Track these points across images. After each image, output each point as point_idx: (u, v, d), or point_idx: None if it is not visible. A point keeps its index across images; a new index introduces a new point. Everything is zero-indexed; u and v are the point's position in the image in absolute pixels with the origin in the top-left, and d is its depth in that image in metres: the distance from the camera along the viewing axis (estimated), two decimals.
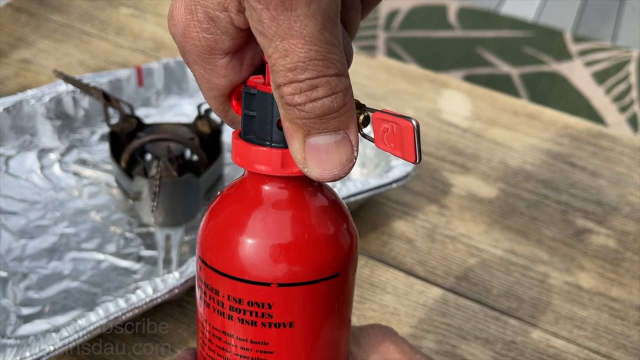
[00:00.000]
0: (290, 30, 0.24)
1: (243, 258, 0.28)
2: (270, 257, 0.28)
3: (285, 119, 0.26)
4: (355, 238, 0.31)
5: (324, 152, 0.26)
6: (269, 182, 0.29)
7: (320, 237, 0.29)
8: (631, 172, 0.66)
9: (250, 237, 0.29)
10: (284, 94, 0.25)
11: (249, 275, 0.28)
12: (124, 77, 0.65)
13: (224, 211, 0.30)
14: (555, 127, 0.70)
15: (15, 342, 0.46)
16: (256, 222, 0.29)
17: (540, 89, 0.95)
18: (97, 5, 0.83)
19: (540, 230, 0.59)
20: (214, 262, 0.29)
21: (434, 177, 0.64)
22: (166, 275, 0.47)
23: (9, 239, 0.54)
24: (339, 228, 0.30)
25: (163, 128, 0.59)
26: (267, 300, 0.29)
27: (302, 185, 0.29)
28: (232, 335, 0.30)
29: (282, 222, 0.29)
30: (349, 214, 0.31)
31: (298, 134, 0.26)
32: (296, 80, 0.25)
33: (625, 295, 0.55)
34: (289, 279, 0.29)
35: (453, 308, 0.53)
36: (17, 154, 0.61)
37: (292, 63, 0.24)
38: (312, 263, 0.29)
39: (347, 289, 0.31)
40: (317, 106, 0.25)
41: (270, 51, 0.24)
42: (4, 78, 0.71)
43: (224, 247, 0.29)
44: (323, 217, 0.29)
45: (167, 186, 0.52)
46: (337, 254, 0.29)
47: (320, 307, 0.30)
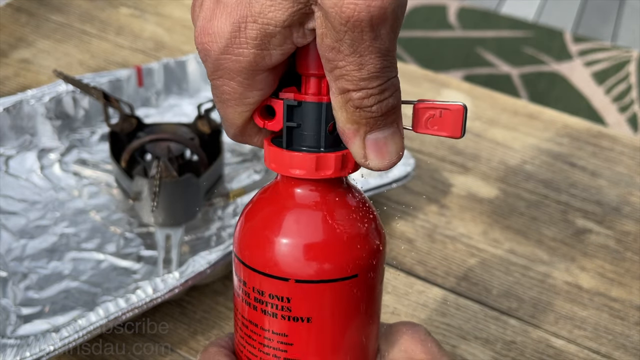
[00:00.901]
0: (369, 48, 0.26)
1: (265, 253, 0.31)
2: (289, 254, 0.30)
3: (348, 121, 0.28)
4: (381, 243, 0.32)
5: (383, 145, 0.29)
6: (296, 185, 0.31)
7: (338, 238, 0.31)
8: (631, 172, 0.66)
9: (272, 234, 0.31)
10: (353, 98, 0.27)
11: (270, 269, 0.31)
12: (124, 77, 0.65)
13: (254, 210, 0.32)
14: (555, 127, 0.70)
15: (15, 342, 0.46)
16: (279, 221, 0.31)
17: (540, 89, 0.95)
18: (97, 5, 0.83)
19: (540, 230, 0.59)
20: (243, 255, 0.32)
21: (434, 177, 0.64)
22: (166, 275, 0.47)
23: (9, 239, 0.54)
24: (360, 231, 0.31)
25: (163, 128, 0.59)
26: (286, 294, 0.31)
27: (329, 188, 0.31)
28: (256, 325, 0.32)
29: (301, 221, 0.31)
30: (376, 218, 0.33)
31: (360, 132, 0.28)
32: (368, 87, 0.27)
33: (625, 295, 0.55)
34: (306, 276, 0.30)
35: (453, 308, 0.53)
36: (17, 154, 0.61)
37: (367, 74, 0.26)
38: (329, 262, 0.30)
39: (368, 289, 0.32)
40: (384, 105, 0.27)
41: (342, 64, 0.26)
42: (4, 78, 0.71)
43: (250, 242, 0.31)
44: (344, 219, 0.31)
45: (167, 186, 0.52)
46: (356, 255, 0.31)
47: (338, 305, 0.31)
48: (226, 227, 0.57)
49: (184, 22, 0.81)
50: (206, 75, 0.31)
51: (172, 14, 0.82)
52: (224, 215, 0.58)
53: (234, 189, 0.60)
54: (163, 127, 0.59)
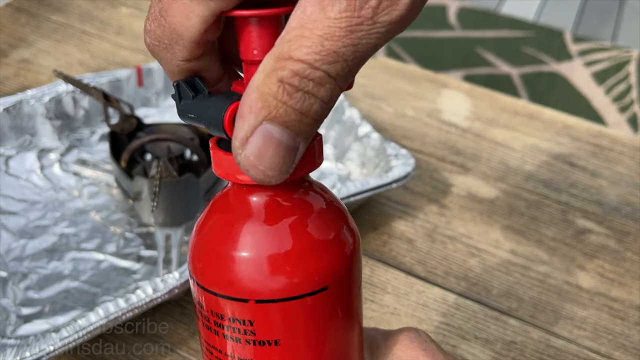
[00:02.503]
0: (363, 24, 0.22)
1: (219, 272, 0.27)
2: (245, 271, 0.26)
3: (258, 91, 0.22)
4: (353, 246, 0.28)
5: (270, 147, 0.23)
6: (248, 191, 0.27)
7: (300, 248, 0.26)
8: (631, 172, 0.66)
9: (224, 249, 0.26)
10: (287, 68, 0.22)
11: (226, 290, 0.27)
12: (124, 77, 0.65)
13: (203, 222, 0.28)
14: (555, 127, 0.70)
15: (15, 342, 0.46)
16: (229, 234, 0.27)
17: (540, 89, 0.95)
18: (97, 5, 0.83)
19: (540, 230, 0.59)
20: (196, 275, 0.28)
21: (434, 177, 0.64)
22: (166, 275, 0.47)
23: (9, 239, 0.54)
24: (325, 237, 0.27)
25: (163, 128, 0.59)
26: (247, 317, 0.27)
27: (283, 193, 0.27)
28: (220, 350, 0.28)
29: (256, 233, 0.26)
30: (346, 218, 0.28)
31: (259, 113, 0.22)
32: (314, 66, 0.22)
33: (626, 295, 0.54)
34: (266, 295, 0.26)
35: (453, 308, 0.53)
36: (17, 154, 0.61)
37: (327, 52, 0.22)
38: (291, 277, 0.26)
39: (342, 300, 0.28)
40: (310, 102, 0.22)
41: (310, 26, 0.22)
42: (4, 78, 0.71)
43: (203, 261, 0.27)
44: (306, 224, 0.27)
45: (167, 186, 0.52)
46: (322, 266, 0.27)
47: (309, 323, 0.27)
48: None
49: None
50: None
51: None
52: None
53: None
54: (163, 127, 0.59)
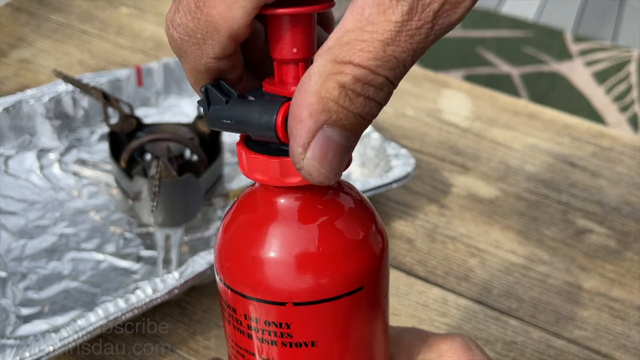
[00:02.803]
0: (424, 28, 0.22)
1: (255, 277, 0.27)
2: (282, 275, 0.26)
3: (316, 95, 0.22)
4: (382, 244, 0.28)
5: (331, 150, 0.23)
6: (280, 192, 0.27)
7: (335, 249, 0.26)
8: (632, 172, 0.66)
9: (260, 254, 0.26)
10: (347, 74, 0.22)
11: (262, 294, 0.27)
12: (124, 77, 0.65)
13: (233, 225, 0.28)
14: (556, 127, 0.70)
15: (14, 343, 0.46)
16: (264, 237, 0.26)
17: (540, 88, 0.95)
18: (97, 5, 0.83)
19: (541, 230, 0.59)
20: (227, 279, 0.28)
21: (434, 177, 0.64)
22: (166, 276, 0.47)
23: (9, 239, 0.54)
24: (359, 237, 0.27)
25: (163, 128, 0.59)
26: (284, 320, 0.27)
27: (315, 195, 0.27)
28: (254, 353, 0.28)
29: (292, 236, 0.26)
30: (376, 217, 0.29)
31: (319, 118, 0.22)
32: (376, 72, 0.22)
33: (626, 296, 0.54)
34: (304, 297, 0.26)
35: (453, 308, 0.53)
36: (16, 154, 0.61)
37: (389, 57, 0.22)
38: (328, 279, 0.26)
39: (376, 300, 0.29)
40: (369, 106, 0.22)
41: (369, 29, 0.22)
42: (4, 78, 0.71)
43: (235, 265, 0.27)
44: (338, 227, 0.27)
45: (166, 186, 0.52)
46: (357, 266, 0.27)
47: (345, 323, 0.28)
48: None
49: None
50: None
51: None
52: (223, 216, 0.58)
53: (234, 189, 0.59)
54: (163, 127, 0.59)
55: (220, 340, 0.49)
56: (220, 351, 0.49)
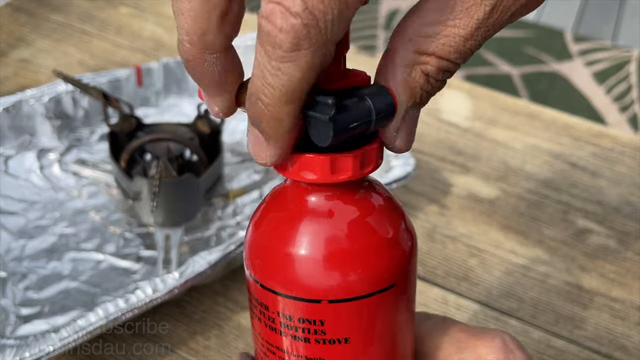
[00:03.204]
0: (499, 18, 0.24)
1: (289, 274, 0.27)
2: (318, 273, 0.26)
3: (404, 85, 0.25)
4: (412, 241, 0.29)
5: (414, 125, 0.27)
6: (312, 191, 0.27)
7: (370, 246, 0.27)
8: (632, 172, 0.66)
9: (295, 251, 0.27)
10: (430, 63, 0.24)
11: (297, 292, 0.27)
12: (124, 77, 0.65)
13: (265, 222, 0.28)
14: (556, 127, 0.70)
15: (14, 343, 0.46)
16: (299, 235, 0.27)
17: (540, 88, 0.95)
18: (96, 5, 0.83)
19: (541, 230, 0.59)
20: (260, 277, 0.28)
21: (434, 177, 0.64)
22: (166, 276, 0.47)
23: (8, 239, 0.54)
24: (391, 235, 0.28)
25: (163, 128, 0.59)
26: (318, 317, 0.27)
27: (349, 193, 0.27)
28: (285, 350, 0.28)
29: (327, 232, 0.27)
30: (404, 215, 0.29)
31: (406, 104, 0.25)
32: (453, 60, 0.24)
33: (626, 296, 0.54)
34: (339, 294, 0.27)
35: (453, 308, 0.53)
36: (16, 154, 0.61)
37: (465, 47, 0.24)
38: (363, 276, 0.27)
39: (406, 296, 0.29)
40: (439, 85, 0.25)
41: (451, 23, 0.24)
42: (3, 78, 0.71)
43: (268, 262, 0.27)
44: (372, 224, 0.27)
45: (166, 186, 0.52)
46: (391, 263, 0.27)
47: (378, 320, 0.28)
48: (226, 227, 0.57)
49: None
50: None
51: (172, 14, 0.82)
52: (223, 216, 0.58)
53: (234, 189, 0.59)
54: (163, 127, 0.59)
55: (220, 340, 0.49)
56: (220, 351, 0.49)
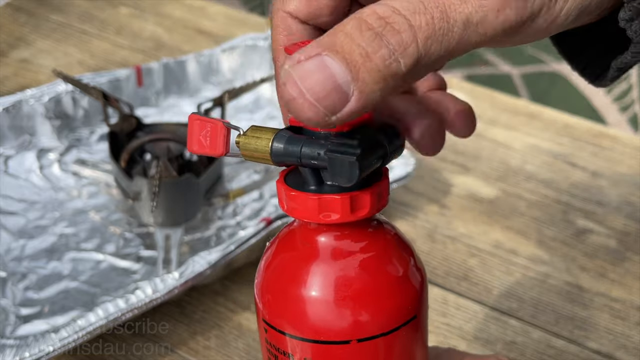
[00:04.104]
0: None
1: (316, 318, 0.27)
2: (345, 313, 0.26)
3: (334, 28, 0.22)
4: (424, 273, 0.29)
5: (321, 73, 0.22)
6: (328, 231, 0.27)
7: (392, 281, 0.27)
8: (632, 172, 0.66)
9: (320, 294, 0.27)
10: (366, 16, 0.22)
11: (325, 335, 0.27)
12: (124, 77, 0.65)
13: (282, 268, 0.28)
14: (556, 127, 0.70)
15: (14, 343, 0.46)
16: (322, 277, 0.27)
17: (540, 88, 0.95)
18: (96, 5, 0.83)
19: (541, 230, 0.59)
20: (282, 325, 0.28)
21: (434, 177, 0.63)
22: (166, 276, 0.47)
23: (8, 239, 0.54)
24: (408, 267, 0.28)
25: (163, 128, 0.59)
26: (347, 358, 0.27)
27: (363, 229, 0.28)
28: None
29: (350, 272, 0.27)
30: (413, 247, 0.30)
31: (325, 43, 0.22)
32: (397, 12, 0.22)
33: (626, 296, 0.54)
34: (368, 332, 0.27)
35: (453, 308, 0.53)
36: (16, 154, 0.61)
37: None
38: (389, 311, 0.27)
39: (424, 326, 0.30)
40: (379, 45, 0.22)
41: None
42: (3, 78, 0.71)
43: (291, 308, 0.27)
44: (391, 259, 0.28)
45: (166, 186, 0.52)
46: (412, 295, 0.28)
47: (403, 352, 0.29)
48: (226, 227, 0.57)
49: (184, 22, 0.80)
50: (206, 75, 0.28)
51: (172, 14, 0.82)
52: (223, 216, 0.58)
53: (234, 189, 0.59)
54: (162, 127, 0.59)
55: (220, 340, 0.49)
56: (220, 351, 0.49)
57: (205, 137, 0.26)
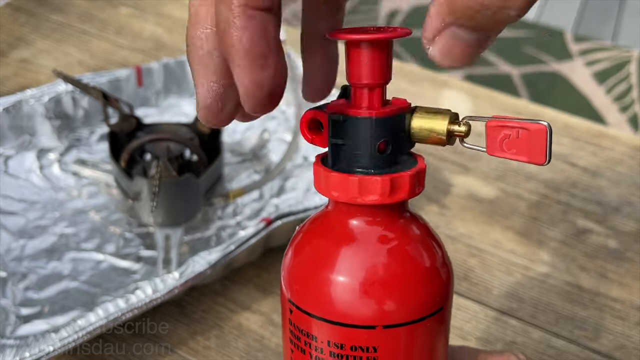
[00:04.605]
0: None
1: (344, 301, 0.27)
2: (374, 298, 0.27)
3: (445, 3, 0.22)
4: (451, 268, 0.29)
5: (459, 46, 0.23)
6: (363, 214, 0.27)
7: (422, 271, 0.27)
8: (632, 172, 0.66)
9: (350, 278, 0.27)
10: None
11: (352, 319, 0.27)
12: (124, 77, 0.65)
13: (313, 250, 0.28)
14: (556, 126, 0.70)
15: (14, 343, 0.46)
16: (354, 261, 0.27)
17: (540, 88, 0.95)
18: (96, 5, 0.83)
19: (541, 230, 0.59)
20: (309, 306, 0.28)
21: (434, 177, 0.64)
22: (166, 276, 0.47)
23: (9, 239, 0.54)
24: (438, 259, 0.28)
25: (163, 128, 0.59)
26: (372, 343, 0.27)
27: (397, 217, 0.28)
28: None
29: (382, 258, 0.27)
30: (442, 242, 0.30)
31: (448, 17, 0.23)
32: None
33: (626, 296, 0.54)
34: (394, 319, 0.27)
35: (453, 308, 0.52)
36: (16, 154, 0.61)
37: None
38: (417, 300, 0.27)
39: (448, 320, 0.30)
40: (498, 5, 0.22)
41: None
42: (3, 78, 0.71)
43: (320, 290, 0.27)
44: (422, 249, 0.28)
45: (166, 186, 0.52)
46: (440, 287, 0.28)
47: (427, 344, 0.28)
48: (226, 227, 0.57)
49: (184, 22, 0.80)
50: None
51: (172, 14, 0.82)
52: (223, 216, 0.58)
53: (234, 189, 0.59)
54: (163, 127, 0.59)
55: (220, 340, 0.49)
56: (220, 351, 0.49)
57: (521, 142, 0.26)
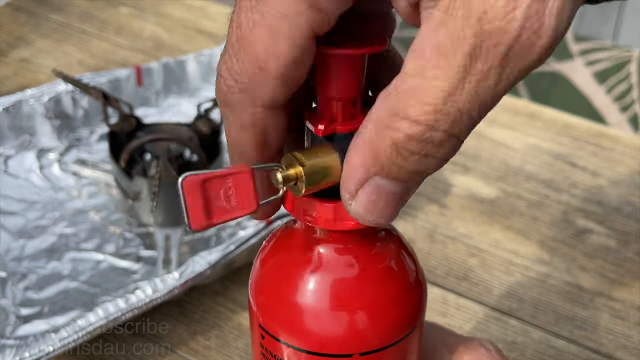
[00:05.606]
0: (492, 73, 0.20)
1: (319, 331, 0.26)
2: (351, 327, 0.26)
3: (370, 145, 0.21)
4: (425, 281, 0.29)
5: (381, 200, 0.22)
6: (335, 237, 0.26)
7: (398, 295, 0.27)
8: (632, 172, 0.66)
9: (326, 306, 0.26)
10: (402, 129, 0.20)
11: (327, 348, 0.26)
12: (123, 77, 0.65)
13: (284, 277, 0.27)
14: (556, 126, 0.70)
15: (14, 343, 0.46)
16: (329, 287, 0.26)
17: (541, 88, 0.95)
18: (96, 5, 0.83)
19: (541, 230, 0.59)
20: (283, 336, 0.27)
21: (434, 177, 0.63)
22: (166, 276, 0.47)
23: (8, 239, 0.54)
24: (413, 279, 0.28)
25: (162, 128, 0.59)
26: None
27: (371, 238, 0.27)
28: None
29: (358, 285, 0.26)
30: (415, 255, 0.29)
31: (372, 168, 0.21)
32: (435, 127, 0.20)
33: (626, 296, 0.54)
34: (370, 346, 0.26)
35: (453, 308, 0.53)
36: (16, 154, 0.61)
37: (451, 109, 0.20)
38: (392, 324, 0.27)
39: (422, 334, 0.29)
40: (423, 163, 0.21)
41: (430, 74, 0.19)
42: (3, 78, 0.71)
43: (294, 320, 0.26)
44: (397, 272, 0.27)
45: (166, 186, 0.52)
46: (416, 306, 0.28)
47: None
48: (226, 227, 0.57)
49: (184, 22, 0.80)
50: (205, 75, 0.27)
51: (172, 14, 0.82)
52: None
53: None
54: (162, 126, 0.59)
55: (220, 340, 0.49)
56: (220, 351, 0.49)
57: (226, 198, 0.23)
